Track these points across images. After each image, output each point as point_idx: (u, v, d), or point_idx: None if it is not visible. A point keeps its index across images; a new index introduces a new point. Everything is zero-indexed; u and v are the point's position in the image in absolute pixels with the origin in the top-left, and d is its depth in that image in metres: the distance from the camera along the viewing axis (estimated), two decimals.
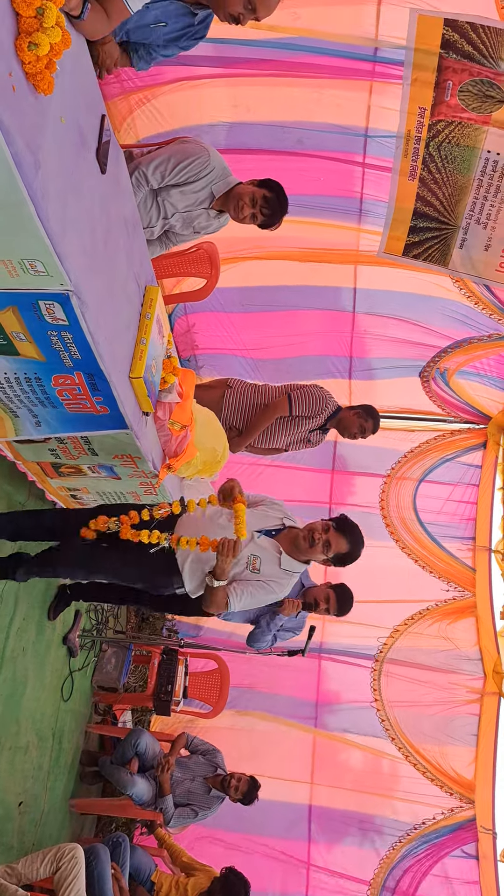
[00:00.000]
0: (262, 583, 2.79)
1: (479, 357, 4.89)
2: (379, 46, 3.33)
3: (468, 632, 5.09)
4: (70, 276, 1.74)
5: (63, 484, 3.02)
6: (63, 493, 3.11)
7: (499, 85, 3.35)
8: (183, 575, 2.84)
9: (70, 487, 3.05)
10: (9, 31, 1.36)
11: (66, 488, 3.06)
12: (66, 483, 3.01)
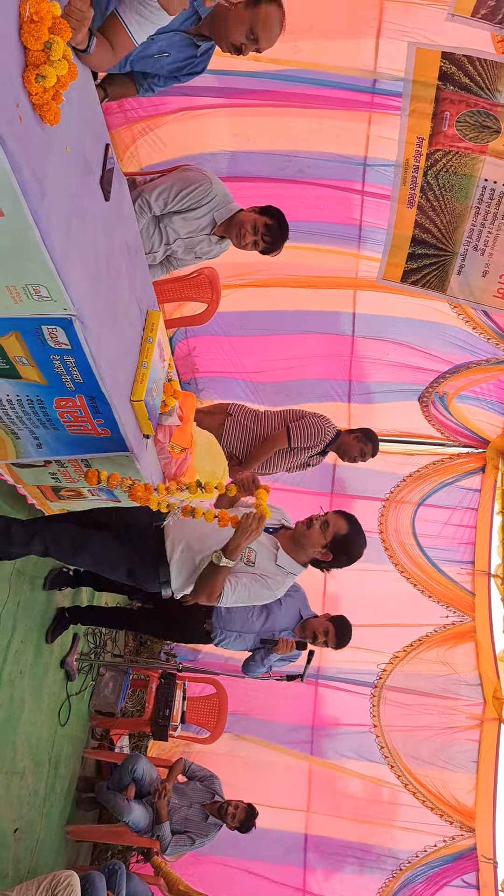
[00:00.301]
0: (257, 576, 2.63)
1: (478, 381, 4.92)
2: (378, 78, 3.40)
3: (468, 657, 5.07)
4: (73, 301, 1.77)
5: (63, 507, 3.02)
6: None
7: (495, 116, 3.41)
8: (171, 566, 2.63)
9: (70, 510, 3.05)
10: (17, 64, 1.40)
11: (67, 511, 3.06)
12: (66, 506, 3.01)
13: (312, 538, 2.61)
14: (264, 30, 2.28)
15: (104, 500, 2.91)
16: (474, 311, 4.54)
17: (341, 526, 2.65)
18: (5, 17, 1.34)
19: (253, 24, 2.26)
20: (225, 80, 3.50)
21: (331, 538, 2.62)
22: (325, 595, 5.40)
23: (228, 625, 3.69)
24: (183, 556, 2.64)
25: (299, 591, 3.83)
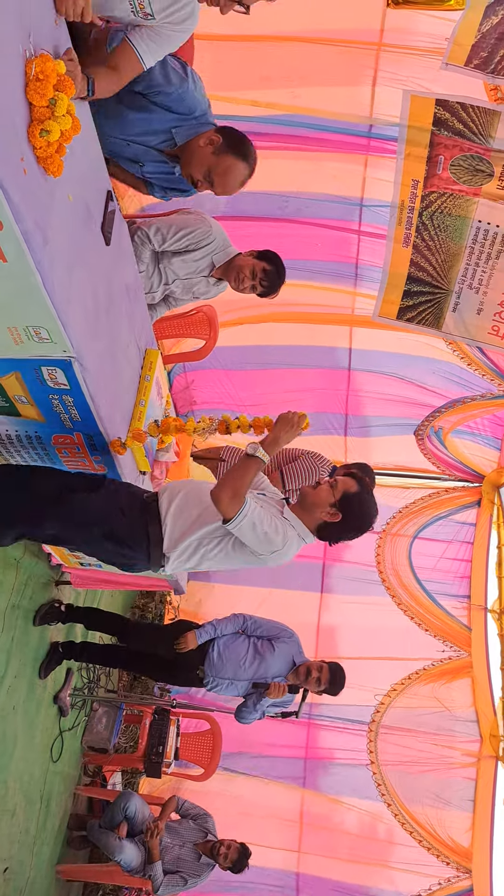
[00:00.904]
0: (271, 504, 2.38)
1: (474, 416, 4.96)
2: (374, 123, 3.49)
3: (464, 692, 5.03)
4: (73, 344, 1.80)
5: None
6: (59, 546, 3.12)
7: (488, 160, 3.50)
8: (164, 523, 2.28)
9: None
10: (22, 119, 1.44)
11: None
12: None
13: (321, 496, 2.34)
14: (222, 179, 2.33)
15: None
16: (469, 348, 4.59)
17: (351, 485, 2.38)
18: (12, 75, 1.39)
19: (213, 168, 2.31)
20: (224, 123, 3.58)
21: (340, 496, 2.33)
22: (318, 628, 5.39)
23: (221, 672, 3.65)
24: (179, 506, 2.32)
25: (293, 638, 3.80)
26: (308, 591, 5.24)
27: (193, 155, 2.32)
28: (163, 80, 2.17)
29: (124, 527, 2.28)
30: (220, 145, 2.30)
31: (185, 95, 2.23)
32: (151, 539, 2.28)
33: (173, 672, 3.81)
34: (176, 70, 2.20)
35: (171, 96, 2.20)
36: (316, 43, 3.05)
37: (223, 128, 2.36)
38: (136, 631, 4.10)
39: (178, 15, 2.00)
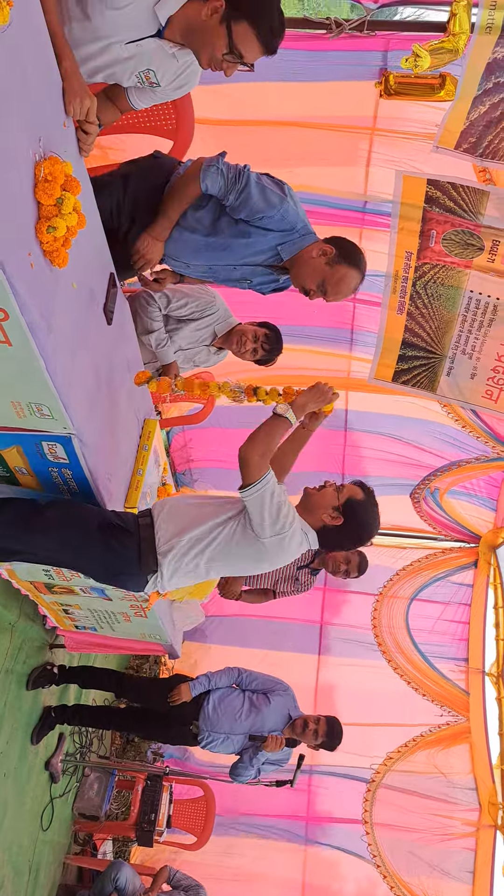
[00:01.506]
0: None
1: (469, 478, 5.01)
2: (368, 200, 3.63)
3: (462, 759, 4.95)
4: (73, 421, 1.86)
5: (56, 600, 3.05)
6: (55, 608, 3.13)
7: (478, 235, 3.63)
8: (156, 525, 2.20)
9: (62, 603, 3.07)
10: (31, 217, 1.53)
11: (59, 603, 3.08)
12: (59, 599, 3.04)
13: (325, 498, 2.27)
14: (336, 287, 2.34)
15: (95, 596, 2.94)
16: (463, 411, 4.67)
17: (357, 492, 2.32)
18: (22, 178, 1.47)
19: (328, 278, 2.31)
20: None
21: (344, 500, 2.27)
22: (317, 690, 5.33)
23: (215, 726, 3.63)
24: (170, 514, 2.25)
25: (288, 691, 3.79)
26: (305, 653, 5.20)
27: (304, 267, 2.31)
28: (264, 206, 2.21)
29: (117, 517, 2.22)
30: (334, 256, 2.30)
31: (286, 214, 2.26)
32: (143, 536, 2.20)
33: (167, 727, 3.77)
34: (274, 192, 2.23)
35: (274, 218, 2.23)
36: (313, 128, 3.20)
37: (334, 238, 2.37)
38: (131, 684, 4.09)
39: (179, 80, 2.11)
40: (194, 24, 1.86)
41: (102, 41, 1.86)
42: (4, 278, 1.40)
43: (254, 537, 2.17)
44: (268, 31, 1.87)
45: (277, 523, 2.14)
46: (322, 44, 2.66)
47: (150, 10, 1.83)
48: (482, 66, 2.69)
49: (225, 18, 1.83)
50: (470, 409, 4.59)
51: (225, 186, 2.19)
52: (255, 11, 1.84)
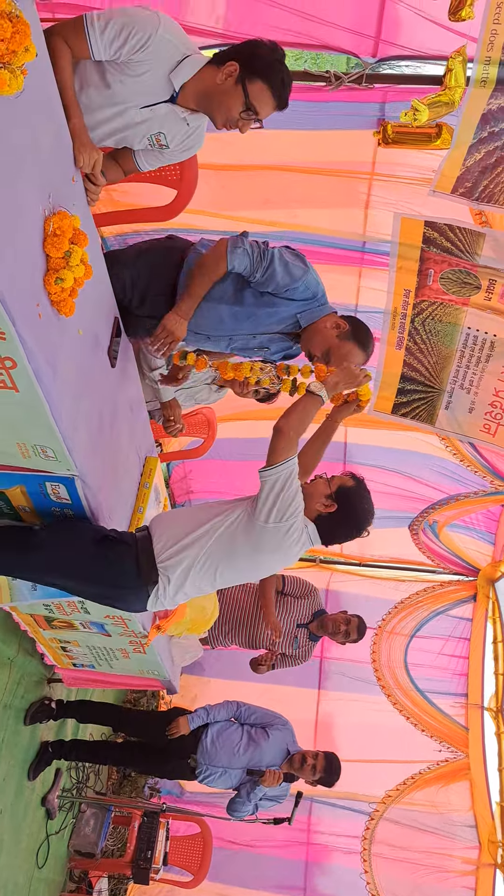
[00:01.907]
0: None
1: (468, 512, 5.03)
2: (367, 240, 3.70)
3: (462, 796, 4.91)
4: (76, 463, 1.89)
5: (55, 636, 3.05)
6: (54, 645, 3.13)
7: (475, 274, 3.69)
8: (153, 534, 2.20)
9: (61, 640, 3.08)
10: (40, 270, 1.58)
11: (58, 640, 3.09)
12: (58, 635, 3.05)
13: (317, 488, 2.30)
14: (338, 361, 2.37)
15: (95, 632, 2.95)
16: (462, 445, 4.71)
17: (346, 480, 2.37)
18: (32, 233, 1.53)
19: (334, 350, 2.37)
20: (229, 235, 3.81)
21: (336, 488, 2.30)
22: (317, 725, 5.30)
23: (213, 760, 3.61)
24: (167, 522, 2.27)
25: (287, 726, 3.78)
26: (305, 688, 5.18)
27: (317, 335, 2.39)
28: (289, 280, 2.29)
29: (114, 531, 2.21)
30: (347, 332, 2.38)
31: (309, 284, 2.33)
32: (141, 548, 2.19)
33: (165, 761, 3.75)
34: (297, 265, 2.31)
35: (298, 289, 2.31)
36: (313, 173, 3.28)
37: (350, 317, 2.46)
38: (129, 718, 4.07)
39: (187, 143, 2.20)
40: (210, 89, 1.96)
41: (119, 106, 1.95)
42: (14, 329, 1.45)
43: (254, 526, 2.17)
44: (280, 86, 1.97)
45: (283, 511, 2.14)
46: (322, 95, 2.75)
47: (166, 77, 1.93)
48: (477, 116, 2.77)
49: (240, 80, 1.94)
50: (468, 442, 4.62)
51: (251, 265, 2.26)
52: (267, 70, 1.95)
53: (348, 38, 2.60)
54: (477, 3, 2.41)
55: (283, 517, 2.14)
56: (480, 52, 2.51)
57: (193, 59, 1.94)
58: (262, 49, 1.97)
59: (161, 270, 2.34)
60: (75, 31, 1.79)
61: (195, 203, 2.93)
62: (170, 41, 1.87)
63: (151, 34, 1.81)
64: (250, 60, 1.94)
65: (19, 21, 1.27)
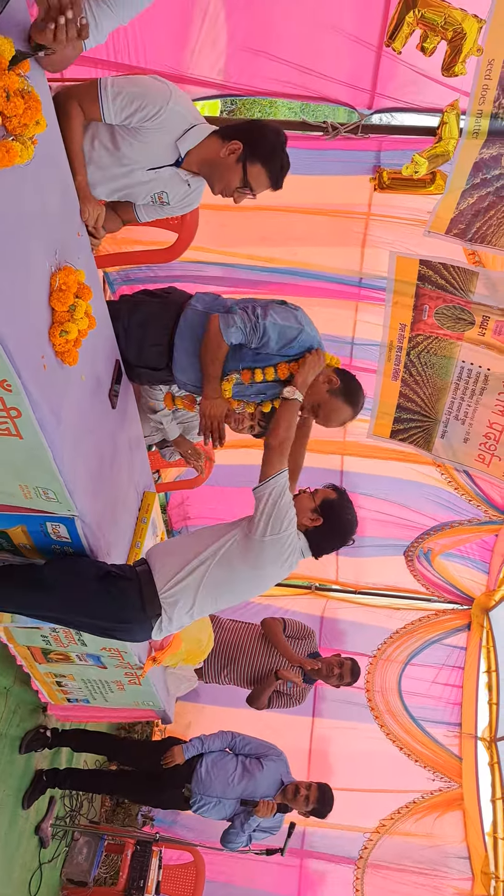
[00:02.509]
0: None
1: (463, 542, 5.07)
2: (363, 277, 3.79)
3: (455, 826, 4.90)
4: (77, 504, 1.94)
5: (50, 670, 3.08)
6: (49, 680, 3.15)
7: (469, 310, 3.78)
8: (153, 567, 2.26)
9: (57, 674, 3.11)
10: (45, 322, 1.64)
11: (53, 674, 3.12)
12: (54, 669, 3.07)
13: (302, 502, 2.39)
14: (328, 416, 2.46)
15: (91, 664, 2.98)
16: (458, 474, 4.76)
17: (329, 493, 2.46)
18: (39, 288, 1.59)
19: (323, 404, 2.43)
20: (230, 271, 3.90)
21: (320, 501, 2.40)
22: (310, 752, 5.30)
23: (208, 790, 3.63)
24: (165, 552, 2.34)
25: (281, 757, 3.80)
26: (299, 716, 5.19)
27: (309, 387, 2.42)
28: (284, 343, 2.37)
29: (115, 567, 2.26)
30: (338, 388, 2.42)
31: (303, 342, 2.41)
32: (142, 579, 2.24)
33: (160, 790, 3.76)
34: (290, 326, 2.38)
35: (293, 348, 2.39)
36: (311, 213, 3.37)
37: (343, 372, 2.51)
38: (124, 747, 4.08)
39: (187, 200, 2.28)
40: (212, 159, 2.07)
41: (126, 167, 2.05)
42: (19, 381, 1.51)
43: (252, 543, 2.24)
44: (278, 171, 2.08)
45: (279, 522, 2.21)
46: (319, 143, 2.84)
47: (173, 143, 2.03)
48: (470, 164, 2.86)
49: (241, 159, 2.04)
50: (463, 470, 4.68)
51: (246, 336, 2.34)
52: (268, 156, 2.06)
53: (345, 90, 2.69)
54: (468, 60, 2.51)
55: (280, 529, 2.22)
56: (473, 105, 2.60)
57: (199, 128, 2.04)
58: (267, 134, 2.08)
59: (158, 327, 2.42)
60: (89, 95, 1.88)
61: (195, 240, 3.01)
62: (179, 112, 1.97)
63: (162, 106, 1.91)
64: (254, 143, 2.04)
65: (31, 97, 1.34)
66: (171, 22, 2.67)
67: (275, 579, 2.40)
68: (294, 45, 2.68)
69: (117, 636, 2.39)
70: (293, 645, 4.05)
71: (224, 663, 4.00)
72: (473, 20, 2.47)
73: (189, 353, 2.40)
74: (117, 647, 2.72)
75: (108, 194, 2.10)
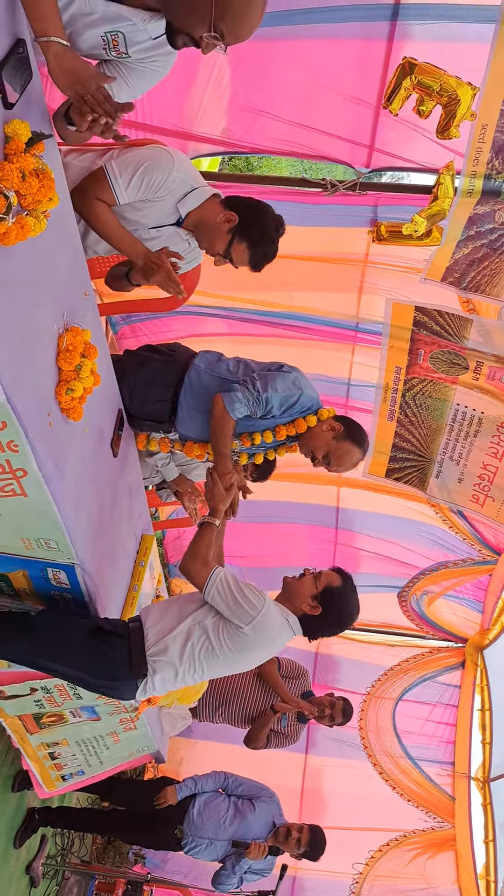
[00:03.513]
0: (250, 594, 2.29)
1: (456, 584, 5.09)
2: (360, 321, 3.88)
3: (448, 867, 4.87)
4: (77, 552, 1.99)
5: (42, 740, 2.98)
6: (41, 753, 3.04)
7: (463, 356, 3.86)
8: (145, 626, 2.27)
9: (49, 743, 3.01)
10: (51, 382, 1.70)
11: (45, 745, 3.01)
12: (46, 737, 2.97)
13: (304, 587, 2.33)
14: (339, 461, 2.53)
15: (85, 719, 2.91)
16: (451, 512, 4.81)
17: (334, 579, 2.37)
18: (47, 349, 1.66)
19: (333, 451, 2.49)
20: (228, 312, 3.99)
21: (322, 588, 2.32)
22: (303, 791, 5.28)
23: (200, 831, 3.62)
24: (159, 613, 2.33)
25: (273, 798, 3.80)
26: (292, 752, 5.17)
27: (315, 438, 2.50)
28: (286, 409, 2.45)
29: (107, 623, 2.27)
30: (342, 433, 2.49)
31: (303, 404, 2.48)
32: (133, 639, 2.23)
33: (152, 831, 3.75)
34: (290, 394, 2.45)
35: (294, 411, 2.48)
36: (309, 260, 3.46)
37: (341, 417, 2.58)
38: (118, 786, 4.07)
39: (189, 256, 2.37)
40: (206, 221, 2.17)
41: (130, 227, 2.14)
42: (27, 441, 1.56)
43: (235, 629, 2.19)
44: (261, 258, 2.21)
45: (247, 607, 2.16)
46: (318, 199, 2.94)
47: (174, 205, 2.13)
48: (464, 219, 2.96)
49: (232, 231, 2.14)
50: (458, 510, 4.74)
51: (250, 409, 2.42)
52: (256, 239, 2.17)
53: (344, 148, 2.79)
54: (462, 124, 2.61)
55: (251, 609, 2.17)
56: (467, 166, 2.71)
57: (200, 191, 2.13)
58: (265, 220, 2.18)
59: (162, 385, 2.50)
60: (101, 187, 1.99)
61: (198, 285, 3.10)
62: (182, 178, 2.08)
63: (167, 175, 2.02)
64: (249, 223, 2.14)
65: (45, 175, 1.42)
66: (178, 81, 2.77)
67: (263, 658, 2.38)
68: (295, 105, 2.79)
69: (102, 692, 2.38)
70: (287, 685, 4.07)
71: (219, 703, 4.02)
72: (468, 87, 2.58)
73: (192, 409, 2.48)
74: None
75: (108, 250, 2.18)
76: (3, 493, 1.69)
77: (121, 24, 1.60)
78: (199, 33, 1.50)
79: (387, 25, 2.50)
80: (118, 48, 1.64)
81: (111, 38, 1.62)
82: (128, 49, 1.66)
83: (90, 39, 1.62)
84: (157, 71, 1.76)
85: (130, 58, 1.69)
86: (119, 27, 1.60)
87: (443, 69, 2.58)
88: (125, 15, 1.59)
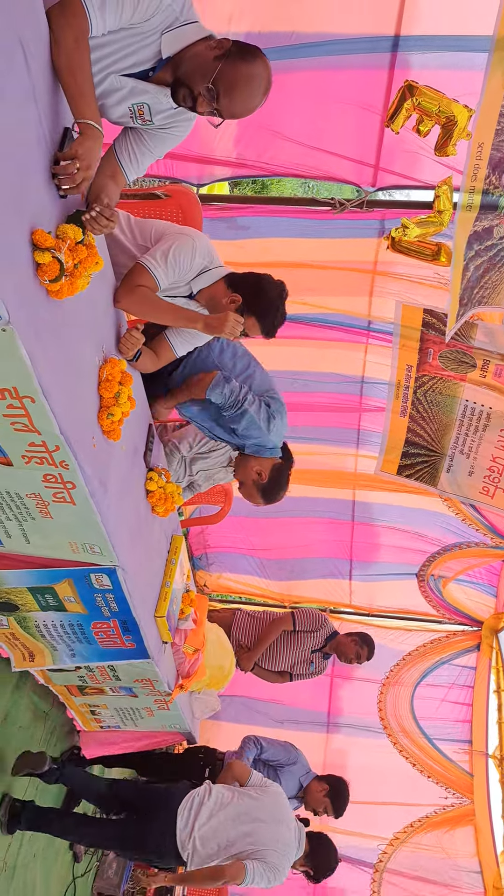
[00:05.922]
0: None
1: (470, 567, 5.28)
2: (371, 321, 4.05)
3: (467, 842, 5.08)
4: (118, 556, 2.21)
5: (86, 701, 3.29)
6: (84, 710, 3.36)
7: (471, 354, 4.03)
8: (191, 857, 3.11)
9: (91, 704, 3.32)
10: (94, 409, 1.92)
11: (88, 705, 3.32)
12: (88, 700, 3.29)
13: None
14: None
15: (123, 695, 3.21)
16: (463, 505, 4.99)
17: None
18: (90, 380, 1.87)
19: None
20: None
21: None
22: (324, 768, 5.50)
23: None
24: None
25: (298, 760, 4.04)
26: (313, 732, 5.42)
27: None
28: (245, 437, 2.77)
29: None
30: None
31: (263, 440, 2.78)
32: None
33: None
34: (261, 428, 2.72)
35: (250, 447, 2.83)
36: (320, 269, 3.64)
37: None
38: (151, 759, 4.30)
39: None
40: (215, 300, 2.35)
41: None
42: (75, 461, 1.77)
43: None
44: (270, 326, 2.39)
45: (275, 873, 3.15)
46: (327, 216, 3.12)
47: (187, 282, 2.31)
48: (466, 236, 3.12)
49: (239, 311, 2.30)
50: (469, 503, 4.91)
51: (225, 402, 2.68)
52: (262, 313, 2.36)
53: (351, 169, 2.97)
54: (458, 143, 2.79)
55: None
56: (465, 182, 2.87)
57: (213, 272, 2.32)
58: (268, 292, 2.36)
59: None
60: (142, 276, 2.14)
61: None
62: (199, 263, 2.26)
63: (190, 259, 2.21)
64: (254, 299, 2.32)
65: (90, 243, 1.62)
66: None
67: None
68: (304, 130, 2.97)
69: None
70: (307, 637, 4.33)
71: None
72: (464, 109, 2.76)
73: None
74: (149, 677, 2.97)
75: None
76: (56, 499, 1.91)
77: (146, 96, 1.80)
78: (198, 88, 1.71)
79: (388, 56, 2.67)
80: (143, 117, 1.84)
81: (137, 108, 1.82)
82: (152, 117, 1.86)
83: (119, 110, 1.83)
84: (176, 136, 1.96)
85: (154, 124, 1.88)
86: (144, 99, 1.81)
87: (441, 92, 2.75)
88: (150, 91, 1.79)
